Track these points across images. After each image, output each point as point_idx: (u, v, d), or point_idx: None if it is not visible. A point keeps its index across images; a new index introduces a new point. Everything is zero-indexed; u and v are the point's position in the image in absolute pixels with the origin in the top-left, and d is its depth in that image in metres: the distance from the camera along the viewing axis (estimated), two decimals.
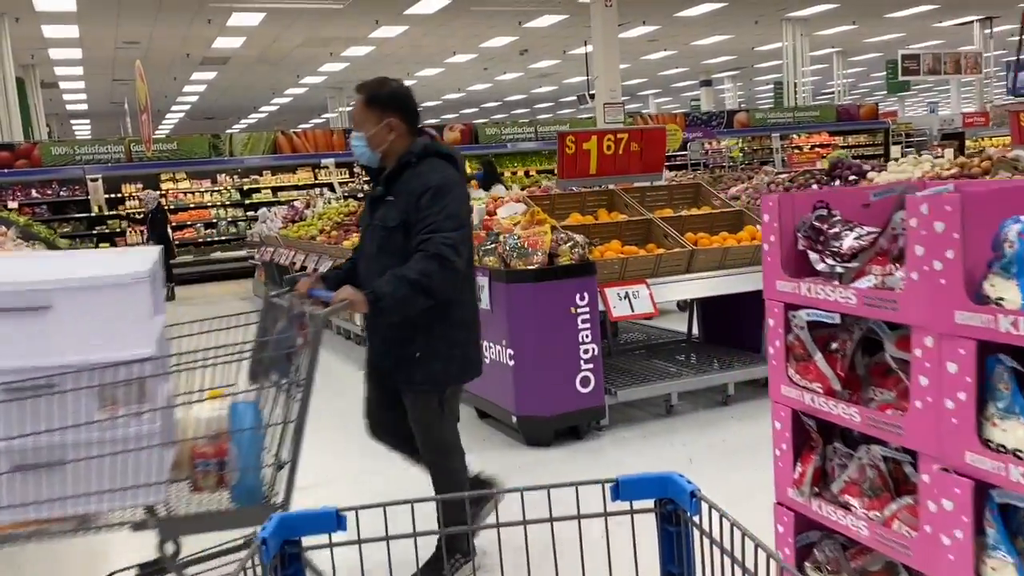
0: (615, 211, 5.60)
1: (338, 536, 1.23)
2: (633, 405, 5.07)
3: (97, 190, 14.98)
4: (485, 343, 4.81)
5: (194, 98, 27.43)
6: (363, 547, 1.21)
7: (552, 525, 1.23)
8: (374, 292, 2.79)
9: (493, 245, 4.80)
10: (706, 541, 1.17)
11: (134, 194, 15.32)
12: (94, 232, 15.14)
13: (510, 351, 4.56)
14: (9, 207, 14.13)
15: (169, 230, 13.60)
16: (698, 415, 5.08)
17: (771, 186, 9.14)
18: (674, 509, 1.24)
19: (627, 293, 4.71)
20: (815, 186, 8.63)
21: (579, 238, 4.65)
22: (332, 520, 1.21)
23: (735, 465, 4.28)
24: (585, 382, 4.59)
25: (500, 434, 4.90)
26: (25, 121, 17.71)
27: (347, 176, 16.85)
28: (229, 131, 20.28)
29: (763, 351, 5.38)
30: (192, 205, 15.95)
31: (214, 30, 16.92)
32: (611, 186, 5.76)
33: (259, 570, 1.15)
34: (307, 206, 11.34)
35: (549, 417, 4.56)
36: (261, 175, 16.55)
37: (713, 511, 1.16)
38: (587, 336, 4.57)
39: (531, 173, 18.31)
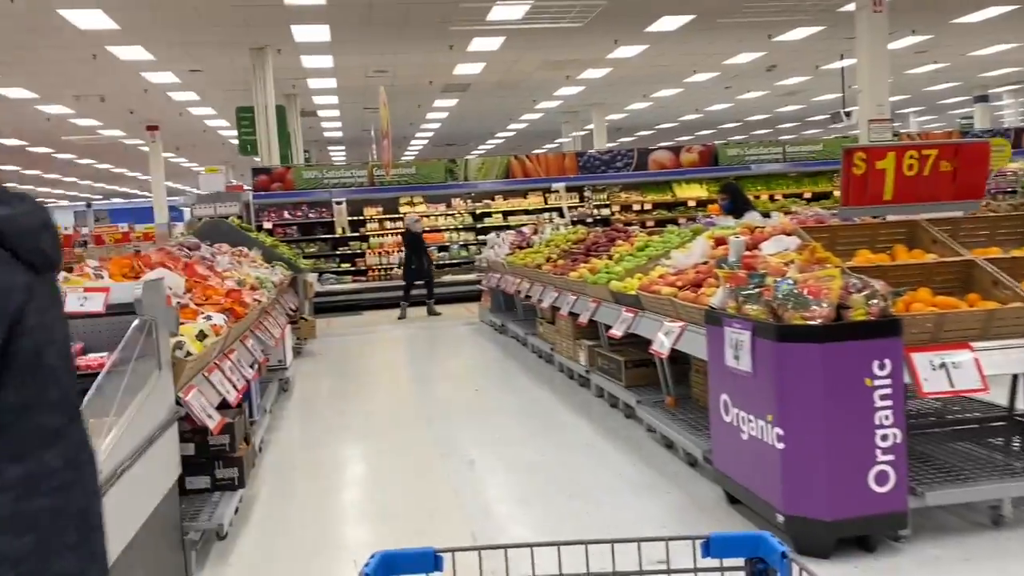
0: (917, 248, 4.37)
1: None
2: (944, 509, 3.81)
3: (341, 213, 15.53)
4: (743, 413, 3.81)
5: (436, 125, 28.42)
6: None
7: None
8: None
9: (758, 290, 3.79)
10: None
11: (379, 213, 15.73)
12: (337, 253, 15.71)
13: (778, 430, 3.52)
14: (264, 227, 14.99)
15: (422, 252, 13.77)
16: None
17: None
18: (765, 568, 1.25)
19: (943, 361, 3.51)
20: None
21: (878, 285, 3.53)
22: (430, 560, 1.26)
23: None
24: (882, 478, 3.44)
25: (757, 529, 3.85)
26: (284, 147, 18.96)
27: (577, 200, 16.31)
28: (466, 157, 20.90)
29: None
30: (427, 228, 16.11)
31: (455, 56, 17.12)
32: (911, 216, 4.53)
33: None
34: (535, 232, 10.81)
35: (830, 521, 3.46)
36: (493, 199, 16.44)
37: (804, 573, 1.14)
38: (887, 417, 3.43)
39: (776, 197, 16.75)
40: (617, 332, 5.72)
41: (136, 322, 3.17)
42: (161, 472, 3.34)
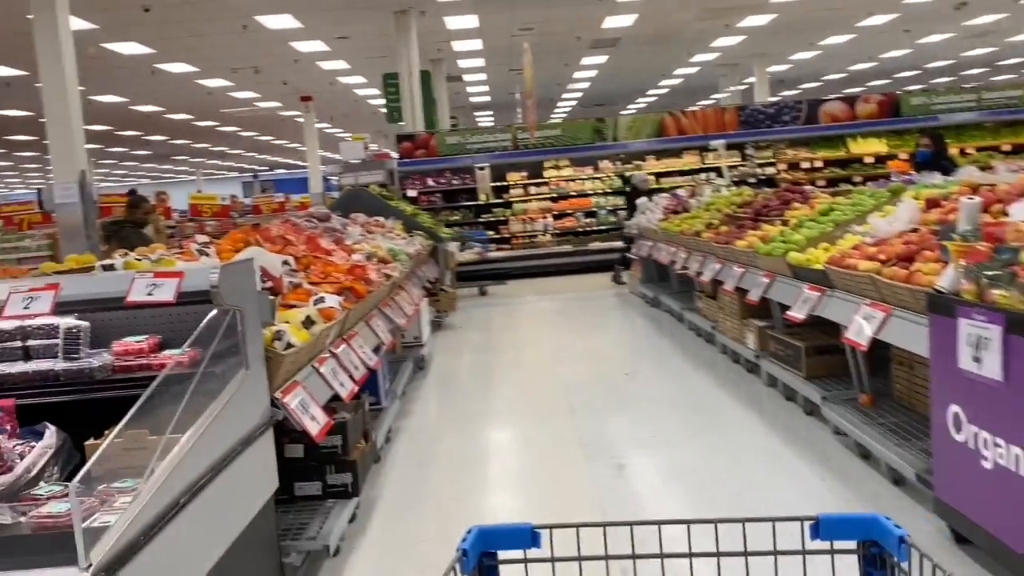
0: None
1: (532, 552, 1.29)
2: None
3: (484, 178, 15.03)
4: (985, 434, 2.87)
5: (584, 84, 27.47)
6: (556, 565, 1.26)
7: (747, 559, 1.24)
8: None
9: (1010, 269, 2.81)
10: None
11: (523, 178, 15.13)
12: (480, 220, 15.25)
13: None
14: (408, 195, 14.73)
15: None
16: None
17: None
18: (879, 552, 1.19)
19: None
20: None
21: None
22: (527, 536, 1.29)
23: None
24: None
25: None
26: (430, 113, 18.67)
27: (738, 159, 15.02)
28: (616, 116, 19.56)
29: None
30: (573, 193, 15.37)
31: (605, 7, 16.14)
32: None
33: None
34: (692, 195, 9.82)
35: None
36: (644, 160, 15.42)
37: (924, 560, 1.07)
38: None
39: (968, 151, 14.78)
40: (798, 314, 4.78)
41: (213, 313, 2.64)
42: (250, 488, 2.82)
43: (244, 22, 14.80)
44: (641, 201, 10.97)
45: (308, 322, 3.49)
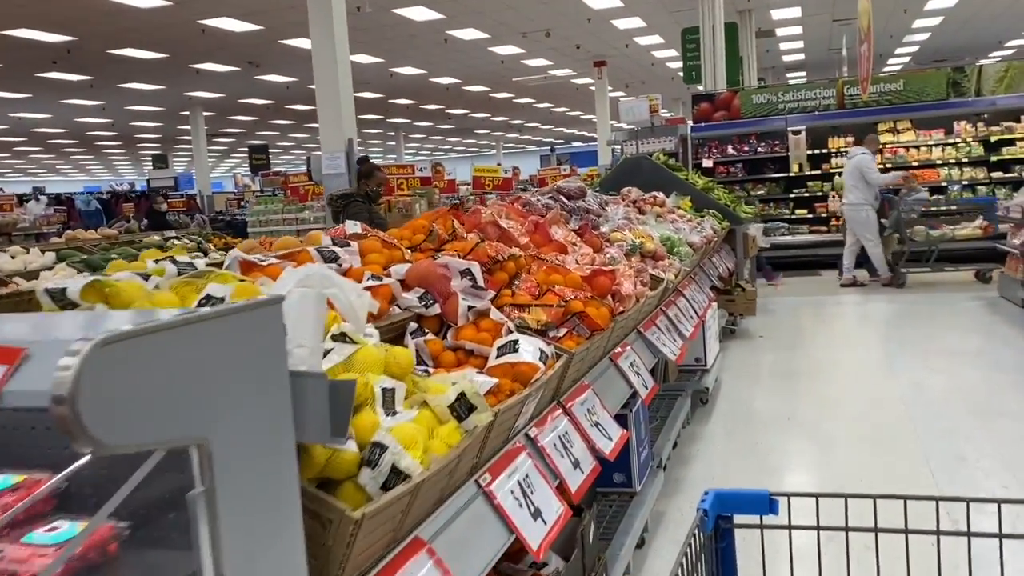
0: None
1: (769, 519, 1.32)
2: None
3: (799, 144, 12.41)
4: None
5: (923, 36, 23.07)
6: (793, 533, 1.27)
7: (939, 539, 1.25)
8: None
9: None
10: None
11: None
12: (791, 196, 12.68)
13: None
14: (703, 165, 12.61)
15: None
16: None
17: None
18: None
19: None
20: None
21: None
22: (764, 502, 1.31)
23: None
24: None
25: None
26: (732, 73, 16.24)
27: None
28: (979, 63, 14.95)
29: None
30: (914, 163, 12.22)
31: None
32: None
33: (701, 537, 1.26)
34: None
35: None
36: (1019, 121, 11.82)
37: None
38: None
39: None
40: None
41: (80, 462, 0.99)
42: None
43: None
44: None
45: (461, 406, 1.76)
